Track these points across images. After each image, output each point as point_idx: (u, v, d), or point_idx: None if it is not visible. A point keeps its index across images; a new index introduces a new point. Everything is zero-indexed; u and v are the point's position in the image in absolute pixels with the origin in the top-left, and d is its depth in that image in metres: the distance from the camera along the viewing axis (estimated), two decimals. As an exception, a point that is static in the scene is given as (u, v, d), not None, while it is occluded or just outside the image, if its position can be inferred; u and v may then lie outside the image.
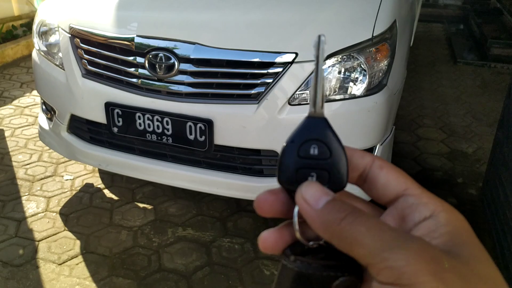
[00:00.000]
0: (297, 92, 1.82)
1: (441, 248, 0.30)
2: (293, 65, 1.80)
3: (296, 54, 1.79)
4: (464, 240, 0.31)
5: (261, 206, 0.35)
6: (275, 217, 0.36)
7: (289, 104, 1.82)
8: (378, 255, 0.28)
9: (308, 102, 1.83)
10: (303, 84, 1.81)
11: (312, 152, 0.34)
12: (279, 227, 0.36)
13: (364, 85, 1.86)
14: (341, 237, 0.30)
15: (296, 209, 0.34)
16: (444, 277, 0.27)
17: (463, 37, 6.29)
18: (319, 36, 0.35)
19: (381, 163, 0.36)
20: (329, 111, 1.85)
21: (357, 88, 1.87)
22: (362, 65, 1.85)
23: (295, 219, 0.34)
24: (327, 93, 1.84)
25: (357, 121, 1.89)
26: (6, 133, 3.20)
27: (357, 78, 1.87)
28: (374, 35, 1.86)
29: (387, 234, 0.29)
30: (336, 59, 1.83)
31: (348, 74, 1.86)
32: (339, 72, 1.84)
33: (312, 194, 0.32)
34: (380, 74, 1.91)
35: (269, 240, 0.35)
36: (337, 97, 1.85)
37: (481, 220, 2.48)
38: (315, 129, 0.35)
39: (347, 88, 1.87)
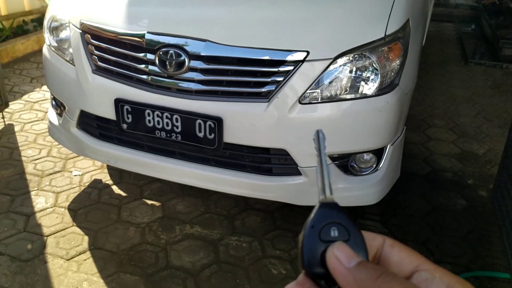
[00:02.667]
0: (307, 91, 1.80)
1: None
2: (304, 63, 1.78)
3: (308, 52, 1.78)
4: None
5: None
6: None
7: (300, 103, 1.81)
8: None
9: (319, 101, 1.81)
10: (314, 83, 1.80)
11: (333, 234, 0.36)
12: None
13: (376, 85, 1.84)
14: None
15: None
16: None
17: (474, 37, 6.23)
18: (317, 132, 0.40)
19: (392, 242, 0.38)
20: (339, 110, 1.84)
21: (368, 88, 1.85)
22: (374, 64, 1.83)
23: None
24: (338, 92, 1.83)
25: (368, 121, 1.87)
26: (16, 128, 3.21)
27: (368, 77, 1.85)
28: (386, 34, 1.84)
29: None
30: (347, 58, 1.81)
31: (360, 73, 1.84)
32: (351, 71, 1.83)
33: (344, 254, 0.34)
34: (392, 73, 1.88)
35: None
36: (348, 96, 1.83)
37: (492, 222, 2.45)
38: (331, 213, 0.37)
39: (358, 88, 1.85)
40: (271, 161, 1.96)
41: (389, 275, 0.32)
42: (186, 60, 1.83)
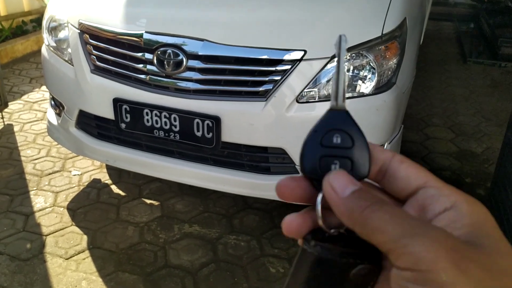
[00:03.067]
0: (305, 90, 1.81)
1: (463, 239, 0.30)
2: (302, 62, 1.79)
3: (305, 51, 1.78)
4: (487, 232, 0.31)
5: (282, 190, 0.36)
6: (295, 202, 0.37)
7: (297, 101, 1.81)
8: (398, 241, 0.29)
9: (316, 100, 1.82)
10: (312, 82, 1.81)
11: (335, 141, 0.35)
12: (303, 212, 0.36)
13: (373, 83, 1.85)
14: (363, 224, 0.31)
15: (319, 197, 0.35)
16: (464, 266, 0.28)
17: (473, 36, 6.24)
18: (340, 36, 0.37)
19: (401, 158, 0.36)
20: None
21: (365, 86, 1.86)
22: (371, 63, 1.83)
23: (318, 206, 0.35)
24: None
25: (365, 119, 1.87)
26: (15, 128, 3.22)
27: (366, 76, 1.85)
28: (383, 33, 1.84)
29: (408, 222, 0.30)
30: (345, 56, 1.81)
31: (357, 72, 1.85)
32: (348, 70, 1.83)
33: (340, 183, 0.33)
34: (389, 72, 1.89)
35: (293, 224, 0.36)
36: (346, 95, 1.84)
37: (490, 220, 2.45)
38: (338, 120, 0.36)
39: (355, 86, 1.85)
40: (269, 160, 1.96)
41: (377, 204, 0.31)
42: (184, 60, 1.84)
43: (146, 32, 1.89)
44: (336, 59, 0.37)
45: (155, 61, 1.88)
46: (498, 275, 0.28)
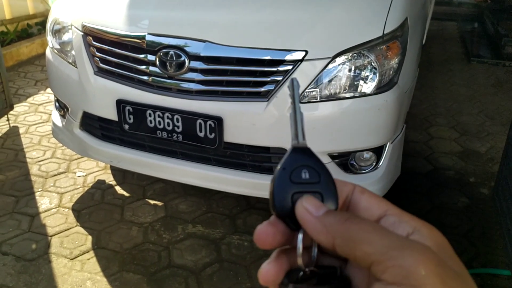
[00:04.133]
0: (307, 90, 1.82)
1: None
2: (303, 62, 1.80)
3: (306, 51, 1.79)
4: (450, 254, 0.32)
5: (263, 239, 0.36)
6: (274, 248, 0.37)
7: (299, 102, 1.82)
8: (386, 253, 0.29)
9: (318, 100, 1.83)
10: (313, 82, 1.81)
11: (303, 177, 0.36)
12: (275, 258, 0.36)
13: (374, 83, 1.85)
14: (345, 236, 0.32)
15: (300, 236, 0.35)
16: (449, 284, 0.28)
17: (477, 35, 6.22)
18: (292, 80, 0.40)
19: (362, 189, 0.38)
20: (338, 109, 1.85)
21: (367, 86, 1.86)
22: (372, 63, 1.84)
23: (300, 244, 0.35)
24: (337, 91, 1.84)
25: (367, 119, 1.88)
26: (21, 130, 3.25)
27: (367, 76, 1.86)
28: (385, 32, 1.85)
29: (392, 235, 0.31)
30: (346, 57, 1.82)
31: (358, 72, 1.85)
32: (349, 70, 1.84)
33: (313, 204, 0.34)
34: (391, 72, 1.90)
35: (270, 273, 0.36)
36: (347, 95, 1.85)
37: (493, 220, 2.45)
38: (303, 157, 0.37)
39: (357, 86, 1.86)
40: (272, 160, 1.97)
41: (357, 217, 0.33)
42: (186, 61, 1.86)
43: (148, 33, 1.91)
44: (291, 101, 0.40)
45: (157, 62, 1.89)
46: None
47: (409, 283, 0.28)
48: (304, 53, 1.79)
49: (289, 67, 1.80)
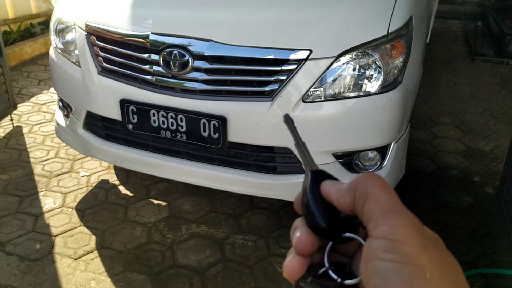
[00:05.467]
0: (311, 89, 1.81)
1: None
2: (307, 62, 1.79)
3: (310, 51, 1.78)
4: (438, 239, 0.37)
5: (306, 248, 0.40)
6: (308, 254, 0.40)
7: (303, 101, 1.82)
8: (385, 214, 0.34)
9: (322, 99, 1.82)
10: (317, 81, 1.81)
11: None
12: (298, 255, 0.41)
13: (379, 82, 1.85)
14: (362, 189, 0.37)
15: (330, 243, 0.41)
16: (429, 249, 0.33)
17: (480, 34, 6.19)
18: (286, 116, 0.47)
19: None
20: (342, 108, 1.84)
21: (371, 85, 1.85)
22: (377, 62, 1.83)
23: (328, 248, 0.40)
24: (341, 90, 1.83)
25: (372, 118, 1.87)
26: (24, 130, 3.25)
27: (371, 75, 1.85)
28: (389, 31, 1.84)
29: (398, 202, 0.36)
30: (350, 56, 1.81)
31: (363, 71, 1.84)
32: (354, 69, 1.83)
33: (335, 182, 0.41)
34: (395, 71, 1.89)
35: (295, 267, 0.40)
36: (352, 94, 1.84)
37: (498, 219, 2.44)
38: (322, 176, 0.42)
39: (361, 85, 1.85)
40: (276, 160, 1.97)
41: (375, 176, 0.38)
42: (190, 60, 1.85)
43: (152, 33, 1.90)
44: (292, 135, 0.46)
45: (161, 62, 1.89)
46: (450, 265, 0.34)
47: (392, 238, 0.33)
48: (308, 52, 1.79)
49: (293, 66, 1.80)
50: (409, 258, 0.32)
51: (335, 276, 0.38)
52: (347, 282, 0.38)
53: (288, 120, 0.46)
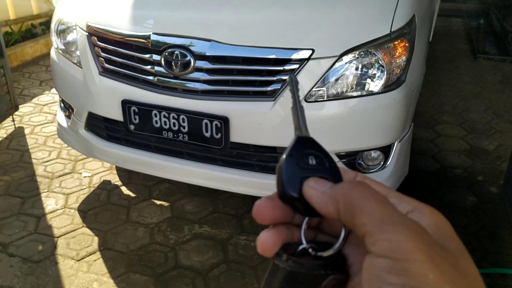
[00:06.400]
0: (313, 89, 1.80)
1: None
2: (310, 61, 1.78)
3: (313, 50, 1.77)
4: (447, 234, 0.33)
5: (262, 213, 0.37)
6: (271, 223, 0.38)
7: (306, 101, 1.80)
8: (380, 226, 0.31)
9: (325, 99, 1.81)
10: (320, 81, 1.79)
11: (311, 162, 0.38)
12: (275, 229, 0.38)
13: (382, 82, 1.83)
14: (348, 202, 0.33)
15: (306, 219, 0.38)
16: (437, 261, 0.29)
17: (483, 32, 6.17)
18: (291, 76, 0.42)
19: (363, 176, 0.39)
20: (345, 108, 1.83)
21: (374, 85, 1.84)
22: (379, 61, 1.82)
23: (304, 223, 0.38)
24: (344, 89, 1.82)
25: (375, 118, 1.86)
26: (26, 131, 3.25)
27: (374, 74, 1.84)
28: (392, 30, 1.83)
29: (391, 209, 0.32)
30: (353, 55, 1.80)
31: (366, 70, 1.83)
32: (356, 69, 1.82)
33: (318, 182, 0.36)
34: (399, 70, 1.87)
35: (268, 241, 0.37)
36: (354, 93, 1.83)
37: (502, 218, 2.43)
38: (307, 145, 0.39)
39: (364, 85, 1.84)
40: (278, 160, 1.95)
41: (363, 185, 0.34)
42: (192, 60, 1.84)
43: (153, 33, 1.89)
44: (291, 95, 0.41)
45: (162, 62, 1.88)
46: (463, 274, 0.30)
47: (395, 257, 0.29)
48: (310, 51, 1.77)
49: (296, 66, 1.79)
50: (417, 279, 0.28)
51: (313, 252, 0.36)
52: (323, 253, 0.36)
53: (292, 80, 0.42)
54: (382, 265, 0.30)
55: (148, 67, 1.93)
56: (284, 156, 0.38)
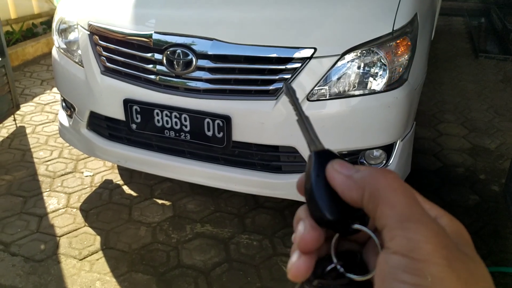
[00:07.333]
0: (315, 88, 1.80)
1: None
2: (312, 60, 1.78)
3: (315, 49, 1.77)
4: (466, 241, 0.33)
5: (311, 244, 0.35)
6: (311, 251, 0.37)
7: (308, 100, 1.80)
8: (401, 222, 0.30)
9: (327, 98, 1.81)
10: (322, 80, 1.79)
11: None
12: (303, 254, 0.37)
13: (384, 80, 1.83)
14: (373, 190, 0.32)
15: (336, 236, 0.36)
16: (454, 266, 0.29)
17: (484, 30, 6.16)
18: (285, 85, 0.40)
19: None
20: (347, 106, 1.83)
21: (377, 83, 1.84)
22: (382, 60, 1.81)
23: (334, 242, 0.37)
24: (346, 88, 1.82)
25: (377, 117, 1.86)
26: (27, 130, 3.25)
27: (377, 73, 1.84)
28: (394, 29, 1.82)
29: (416, 206, 0.31)
30: (355, 54, 1.80)
31: (368, 69, 1.83)
32: (359, 67, 1.82)
33: (343, 165, 0.35)
34: (401, 69, 1.87)
35: (301, 268, 0.36)
36: (357, 92, 1.83)
37: (504, 217, 2.42)
38: (328, 157, 0.37)
39: (366, 83, 1.84)
40: (280, 159, 1.95)
41: (390, 173, 0.33)
42: (194, 59, 1.84)
43: (155, 32, 1.89)
44: (293, 107, 0.40)
45: (164, 61, 1.88)
46: (479, 280, 0.30)
47: (413, 257, 0.28)
48: (312, 50, 1.77)
49: (298, 65, 1.78)
50: (433, 282, 0.28)
51: (343, 272, 0.35)
52: (357, 278, 0.35)
53: (289, 91, 0.40)
54: (397, 263, 0.29)
55: (150, 66, 1.92)
56: (311, 177, 0.36)
